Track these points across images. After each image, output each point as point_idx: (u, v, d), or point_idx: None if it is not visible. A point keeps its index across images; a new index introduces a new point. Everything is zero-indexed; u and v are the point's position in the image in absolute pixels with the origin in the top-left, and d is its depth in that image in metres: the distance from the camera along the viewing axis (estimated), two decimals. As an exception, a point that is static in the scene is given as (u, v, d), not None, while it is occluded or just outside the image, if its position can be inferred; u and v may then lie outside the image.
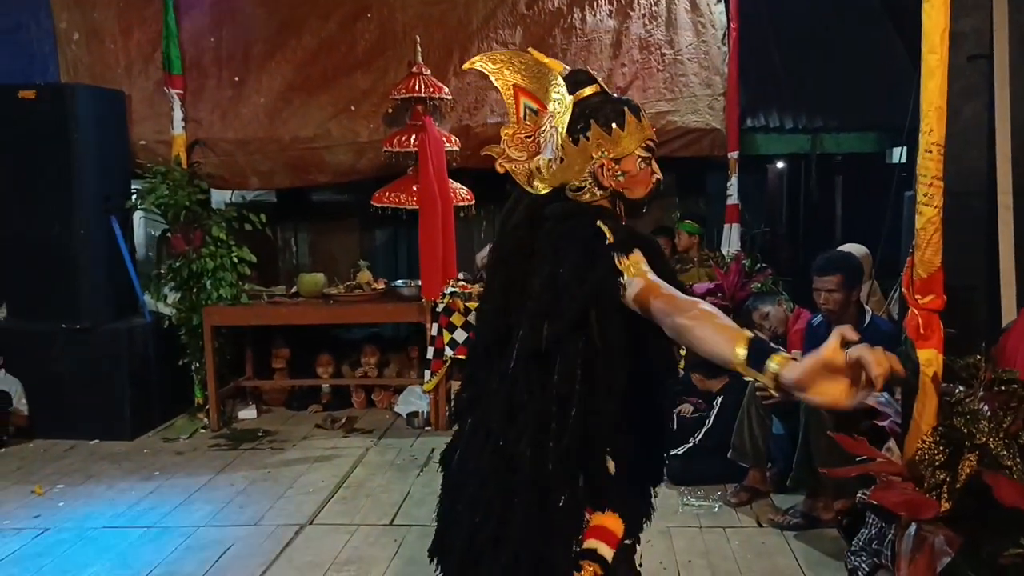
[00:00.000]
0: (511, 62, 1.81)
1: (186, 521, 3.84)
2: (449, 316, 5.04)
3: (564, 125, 1.67)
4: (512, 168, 1.77)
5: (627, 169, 1.69)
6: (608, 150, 1.67)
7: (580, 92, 1.71)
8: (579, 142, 1.67)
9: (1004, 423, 2.02)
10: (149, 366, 5.24)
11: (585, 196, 1.69)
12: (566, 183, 1.69)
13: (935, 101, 2.11)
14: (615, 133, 1.67)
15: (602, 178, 1.68)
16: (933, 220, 2.13)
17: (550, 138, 1.71)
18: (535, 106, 1.78)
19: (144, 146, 5.55)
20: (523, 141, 1.78)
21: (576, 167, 1.68)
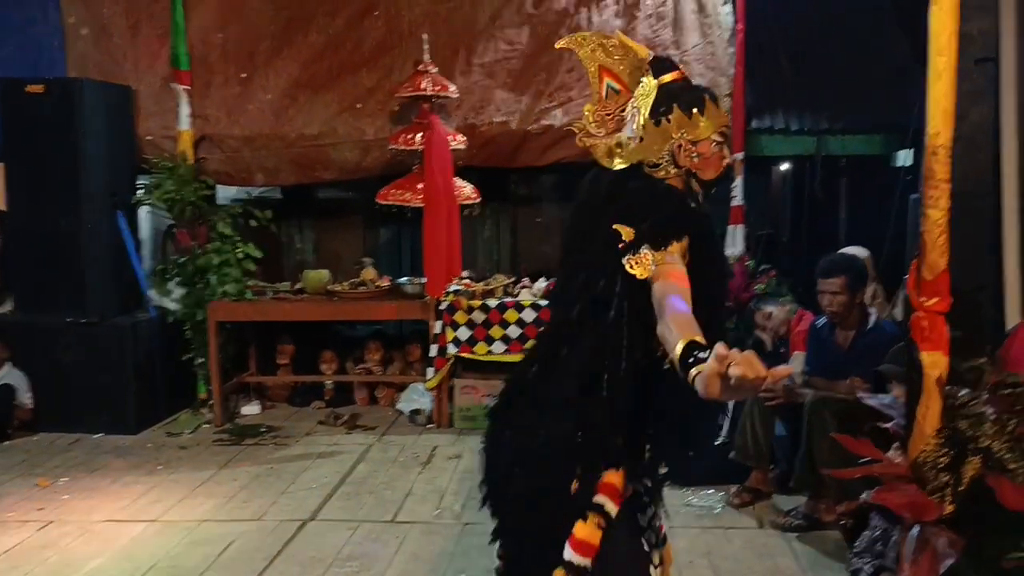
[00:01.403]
0: (599, 43, 1.93)
1: (189, 515, 3.85)
2: (453, 314, 5.05)
3: (648, 107, 1.82)
4: (592, 143, 1.89)
5: (702, 151, 1.82)
6: (687, 132, 1.81)
7: (664, 77, 1.85)
8: (660, 123, 1.81)
9: (1008, 426, 2.02)
10: (153, 361, 5.26)
11: (660, 173, 1.83)
12: (644, 160, 1.83)
13: (942, 103, 2.11)
14: (695, 117, 1.81)
15: (679, 157, 1.82)
16: (939, 222, 2.14)
17: (632, 117, 1.85)
18: (617, 86, 1.91)
19: (151, 141, 5.56)
20: (603, 119, 1.91)
21: (656, 146, 1.82)
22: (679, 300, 1.56)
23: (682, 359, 1.41)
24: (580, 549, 1.78)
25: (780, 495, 3.88)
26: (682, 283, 1.62)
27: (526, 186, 6.55)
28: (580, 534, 1.78)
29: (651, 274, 1.64)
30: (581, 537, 1.78)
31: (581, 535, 1.78)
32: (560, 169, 5.83)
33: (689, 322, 1.49)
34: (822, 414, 3.49)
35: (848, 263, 3.84)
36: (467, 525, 3.68)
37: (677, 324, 1.49)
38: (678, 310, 1.53)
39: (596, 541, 1.78)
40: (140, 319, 5.25)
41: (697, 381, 1.35)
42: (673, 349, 1.44)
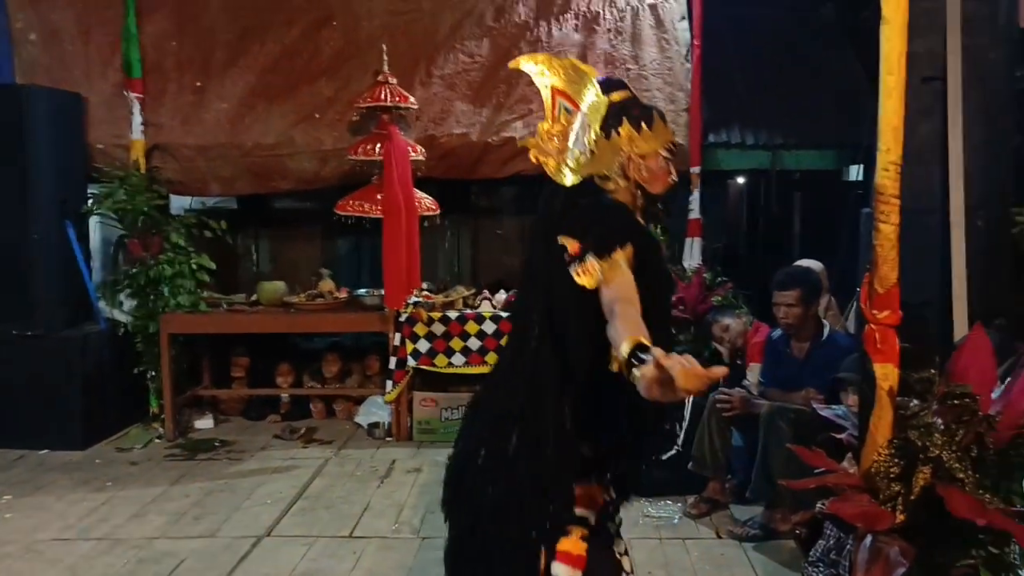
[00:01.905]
0: (551, 64, 2.00)
1: (139, 533, 3.75)
2: (412, 326, 5.02)
3: (599, 122, 1.90)
4: (544, 160, 1.96)
5: (650, 166, 1.91)
6: (637, 146, 1.90)
7: (614, 95, 1.93)
8: (611, 137, 1.89)
9: (957, 436, 2.06)
10: (103, 374, 5.13)
11: (610, 185, 1.91)
12: (596, 173, 1.90)
13: (892, 121, 2.16)
14: (644, 132, 1.90)
15: (628, 171, 1.90)
16: (890, 236, 2.18)
17: (582, 133, 1.92)
18: (570, 106, 1.98)
19: (102, 150, 5.45)
20: (556, 136, 1.98)
21: (606, 160, 1.90)
22: (627, 304, 1.61)
23: (627, 359, 1.46)
24: (570, 562, 1.82)
25: (737, 505, 3.92)
26: (630, 289, 1.67)
27: (487, 198, 6.55)
28: (567, 548, 1.82)
29: (598, 282, 1.68)
30: (568, 551, 1.82)
31: (568, 549, 1.82)
32: (521, 181, 5.85)
33: (636, 323, 1.55)
34: (778, 425, 3.54)
35: (803, 276, 3.91)
36: (425, 539, 3.65)
37: (625, 325, 1.54)
38: (626, 313, 1.58)
39: (583, 552, 1.82)
40: (89, 331, 5.12)
41: (638, 381, 1.40)
42: (619, 350, 1.49)
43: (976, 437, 2.06)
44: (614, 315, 1.60)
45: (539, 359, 1.82)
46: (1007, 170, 4.13)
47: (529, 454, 1.80)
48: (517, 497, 1.81)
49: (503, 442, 1.83)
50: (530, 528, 1.81)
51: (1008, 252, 4.33)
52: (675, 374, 1.31)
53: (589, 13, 5.74)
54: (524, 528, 1.81)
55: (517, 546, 1.82)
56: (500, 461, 1.84)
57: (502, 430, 1.84)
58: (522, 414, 1.82)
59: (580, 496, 1.85)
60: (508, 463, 1.82)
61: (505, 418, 1.85)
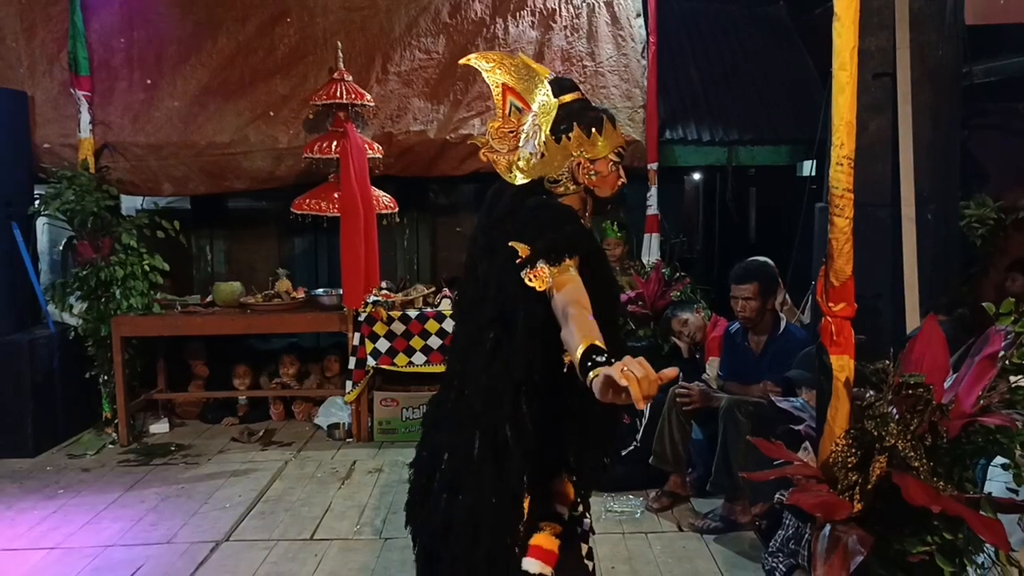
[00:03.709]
0: (502, 62, 1.99)
1: (93, 541, 3.67)
2: (372, 326, 4.98)
3: (548, 124, 1.88)
4: (494, 159, 1.96)
5: (599, 170, 1.91)
6: (586, 150, 1.89)
7: (564, 97, 1.91)
8: (561, 141, 1.88)
9: (911, 425, 2.10)
10: (53, 379, 5.00)
11: (560, 188, 1.91)
12: (545, 176, 1.90)
13: (845, 116, 2.19)
14: (594, 136, 1.89)
15: (578, 175, 1.90)
16: (845, 230, 2.21)
17: (533, 135, 1.91)
18: (520, 105, 1.97)
19: (48, 149, 5.30)
20: (506, 135, 1.97)
21: (555, 163, 1.89)
22: (579, 307, 1.62)
23: (582, 362, 1.47)
24: (543, 557, 1.84)
25: (698, 498, 3.96)
26: (581, 293, 1.67)
27: (445, 195, 6.52)
28: (541, 543, 1.85)
29: (548, 287, 1.68)
30: (542, 546, 1.85)
31: (541, 544, 1.85)
32: (479, 179, 5.83)
33: (590, 326, 1.56)
34: (736, 418, 3.58)
35: (760, 269, 3.95)
36: (388, 540, 3.62)
37: (579, 328, 1.55)
38: (579, 315, 1.59)
39: (556, 548, 1.86)
40: (38, 335, 4.98)
41: (594, 383, 1.41)
42: (574, 352, 1.50)
43: (930, 426, 2.10)
44: (567, 318, 1.60)
45: (494, 361, 1.79)
46: (955, 164, 4.25)
47: (493, 457, 1.77)
48: (487, 503, 1.77)
49: (467, 448, 1.80)
50: (503, 534, 1.78)
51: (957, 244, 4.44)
52: (631, 388, 1.31)
53: (545, 10, 5.74)
54: (497, 534, 1.77)
55: (492, 553, 1.77)
56: (465, 467, 1.81)
57: (464, 435, 1.81)
58: (482, 418, 1.79)
59: (555, 492, 1.87)
60: (474, 468, 1.79)
61: (466, 423, 1.82)
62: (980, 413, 2.10)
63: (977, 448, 2.14)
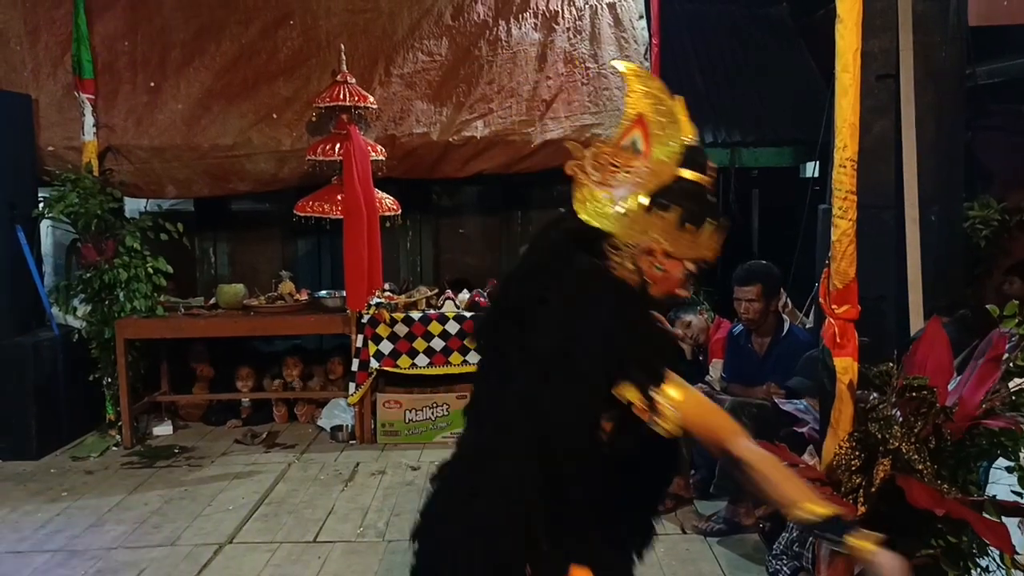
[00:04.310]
0: (656, 93, 1.67)
1: (96, 544, 3.67)
2: (375, 328, 4.98)
3: (654, 187, 1.59)
4: (579, 178, 1.65)
5: (669, 268, 1.61)
6: (668, 241, 1.59)
7: (687, 172, 1.62)
8: (651, 213, 1.58)
9: (915, 428, 2.09)
10: (57, 381, 5.00)
11: (616, 258, 1.60)
12: (614, 235, 1.59)
13: (848, 118, 2.18)
14: (687, 231, 1.59)
15: (641, 258, 1.60)
16: (848, 232, 2.20)
17: (634, 187, 1.60)
18: (642, 146, 1.66)
19: (52, 152, 5.32)
20: (607, 166, 1.64)
21: (631, 231, 1.59)
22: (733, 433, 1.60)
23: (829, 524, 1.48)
24: None
25: (701, 500, 3.95)
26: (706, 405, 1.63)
27: (448, 197, 6.52)
28: None
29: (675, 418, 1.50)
30: None
31: None
32: (482, 180, 5.83)
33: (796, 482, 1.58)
34: (740, 420, 3.56)
35: (764, 271, 3.95)
36: (391, 543, 3.62)
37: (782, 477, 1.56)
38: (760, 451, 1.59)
39: None
40: (42, 338, 4.99)
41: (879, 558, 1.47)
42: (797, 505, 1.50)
43: (934, 429, 2.10)
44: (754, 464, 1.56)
45: (516, 472, 1.49)
46: (959, 166, 4.24)
47: None
48: None
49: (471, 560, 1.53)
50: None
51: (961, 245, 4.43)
52: None
53: (548, 12, 5.74)
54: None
55: None
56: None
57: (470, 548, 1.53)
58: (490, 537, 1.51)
59: None
60: None
61: (474, 534, 1.53)
62: (984, 416, 2.09)
63: (981, 451, 2.14)
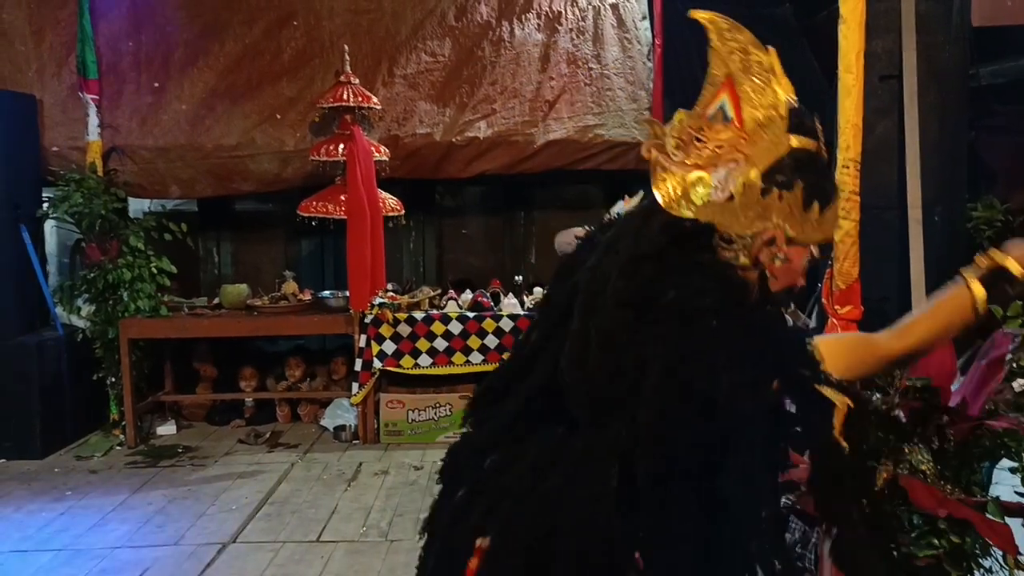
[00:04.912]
0: (745, 48, 1.39)
1: (100, 543, 3.68)
2: (378, 327, 4.98)
3: (765, 164, 1.30)
4: (661, 165, 1.34)
5: (792, 256, 1.33)
6: (792, 226, 1.31)
7: (802, 140, 1.34)
8: (768, 194, 1.29)
9: (918, 429, 2.09)
10: (61, 381, 5.02)
11: (729, 254, 1.30)
12: (720, 227, 1.29)
13: (851, 119, 2.19)
14: (813, 212, 1.32)
15: (761, 249, 1.31)
16: (851, 233, 2.21)
17: (734, 164, 1.31)
18: (732, 113, 1.35)
19: (57, 152, 5.33)
20: (692, 142, 1.35)
21: (745, 219, 1.29)
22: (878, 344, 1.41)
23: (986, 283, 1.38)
24: None
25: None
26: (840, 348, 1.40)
27: (451, 198, 6.53)
28: None
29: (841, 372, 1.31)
30: None
31: None
32: (485, 181, 5.84)
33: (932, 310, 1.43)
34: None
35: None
36: (394, 542, 3.63)
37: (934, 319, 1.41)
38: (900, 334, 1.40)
39: None
40: (46, 338, 5.01)
41: None
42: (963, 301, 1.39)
43: (937, 429, 2.10)
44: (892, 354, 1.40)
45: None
46: (962, 166, 4.23)
47: None
48: None
49: None
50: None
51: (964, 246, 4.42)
52: None
53: (551, 13, 5.75)
54: None
55: None
56: None
57: None
58: None
59: None
60: None
61: None
62: (987, 417, 2.09)
63: (984, 451, 2.14)
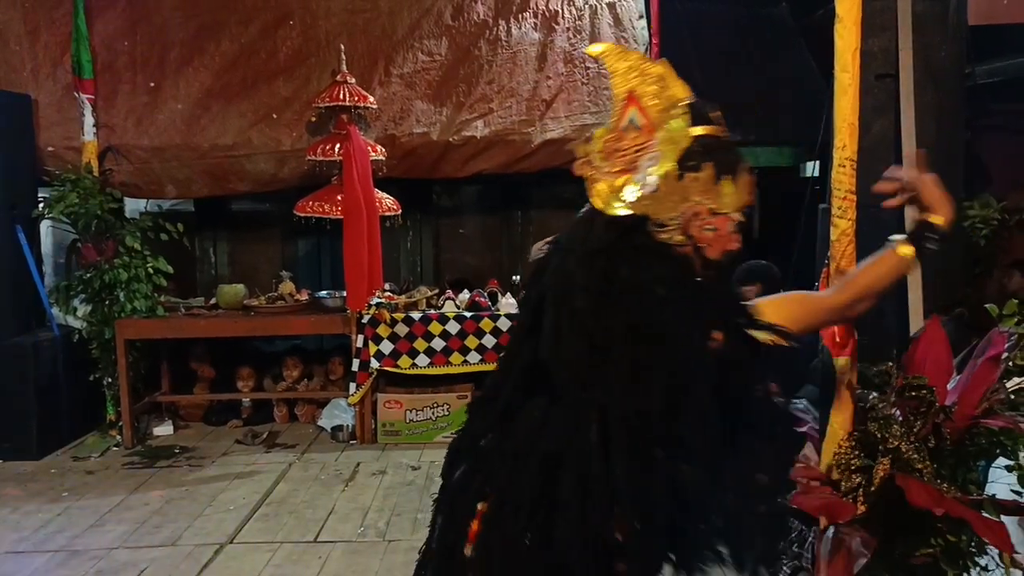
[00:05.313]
0: (638, 66, 1.60)
1: (97, 544, 3.67)
2: (375, 327, 4.98)
3: (675, 155, 1.53)
4: (593, 176, 1.58)
5: (719, 225, 1.58)
6: (711, 199, 1.56)
7: (703, 128, 1.57)
8: (684, 179, 1.53)
9: (915, 427, 2.10)
10: (58, 381, 5.01)
11: (664, 236, 1.53)
12: (652, 216, 1.52)
13: (848, 117, 2.19)
14: (724, 185, 1.57)
15: (691, 225, 1.55)
16: (847, 232, 2.20)
17: (651, 163, 1.54)
18: (641, 121, 1.58)
19: (52, 153, 5.31)
20: (614, 153, 1.58)
21: (671, 204, 1.53)
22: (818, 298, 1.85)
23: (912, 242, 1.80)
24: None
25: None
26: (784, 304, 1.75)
27: (448, 197, 6.52)
28: None
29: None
30: None
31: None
32: (482, 180, 5.84)
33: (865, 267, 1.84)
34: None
35: (764, 271, 3.94)
36: (391, 542, 3.63)
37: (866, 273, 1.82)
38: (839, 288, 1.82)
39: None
40: (42, 338, 5.00)
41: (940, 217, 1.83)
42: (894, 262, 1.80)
43: (933, 428, 2.10)
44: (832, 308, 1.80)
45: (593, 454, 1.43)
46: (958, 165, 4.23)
47: None
48: None
49: None
50: None
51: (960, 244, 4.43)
52: None
53: (548, 12, 5.74)
54: None
55: None
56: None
57: None
58: None
59: None
60: None
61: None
62: (983, 415, 2.09)
63: (980, 450, 2.14)
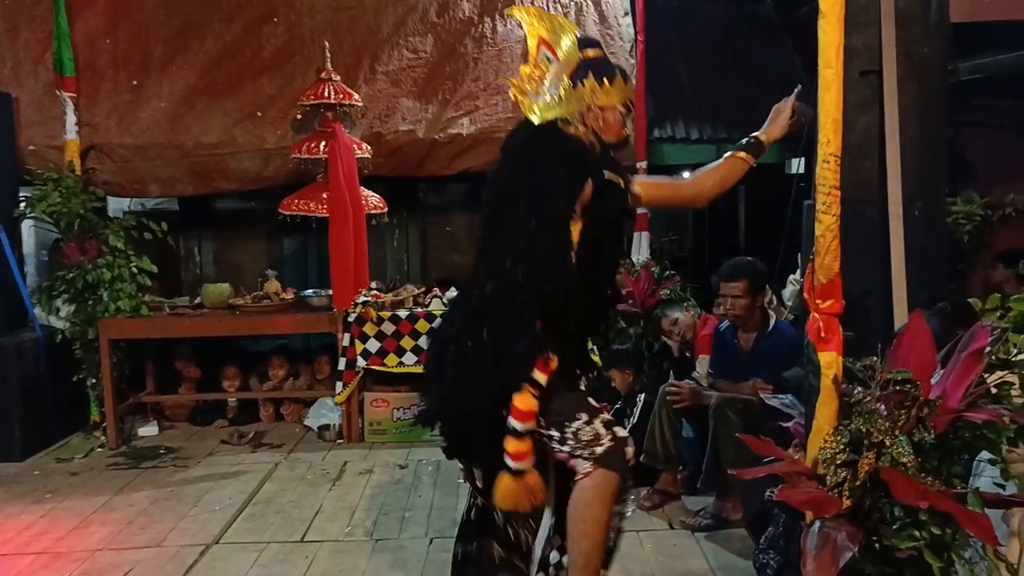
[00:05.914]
0: (541, 17, 2.38)
1: (81, 545, 3.64)
2: (361, 326, 4.96)
3: (570, 72, 2.29)
4: (522, 100, 2.32)
5: (607, 117, 2.32)
6: (598, 98, 2.30)
7: (588, 51, 2.34)
8: (577, 87, 2.28)
9: (899, 422, 2.10)
10: (40, 382, 4.97)
11: (571, 129, 2.28)
12: (559, 116, 2.27)
13: (832, 113, 2.19)
14: (605, 86, 2.30)
15: (587, 118, 2.30)
16: (832, 228, 2.21)
17: (556, 80, 2.29)
18: (551, 56, 2.33)
19: (34, 151, 5.27)
20: (535, 80, 2.33)
21: (571, 106, 2.28)
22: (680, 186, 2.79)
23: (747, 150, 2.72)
24: (520, 417, 2.16)
25: (689, 496, 3.96)
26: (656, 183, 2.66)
27: (435, 195, 6.52)
28: (518, 404, 2.16)
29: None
30: (519, 407, 2.16)
31: (519, 404, 2.16)
32: (469, 178, 5.82)
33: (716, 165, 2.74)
34: (727, 415, 3.58)
35: (749, 267, 3.96)
36: (379, 541, 3.62)
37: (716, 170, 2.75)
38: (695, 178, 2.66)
39: (533, 407, 2.18)
40: (25, 339, 4.96)
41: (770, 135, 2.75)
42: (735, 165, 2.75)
43: (917, 422, 2.11)
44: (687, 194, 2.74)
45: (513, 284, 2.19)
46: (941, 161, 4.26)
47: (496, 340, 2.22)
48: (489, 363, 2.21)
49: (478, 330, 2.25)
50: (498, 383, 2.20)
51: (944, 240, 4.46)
52: None
53: (534, 9, 5.74)
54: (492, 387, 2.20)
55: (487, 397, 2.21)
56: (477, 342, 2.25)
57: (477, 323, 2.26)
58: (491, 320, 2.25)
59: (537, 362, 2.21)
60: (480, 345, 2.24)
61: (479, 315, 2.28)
62: (967, 408, 2.10)
63: (964, 443, 2.15)
